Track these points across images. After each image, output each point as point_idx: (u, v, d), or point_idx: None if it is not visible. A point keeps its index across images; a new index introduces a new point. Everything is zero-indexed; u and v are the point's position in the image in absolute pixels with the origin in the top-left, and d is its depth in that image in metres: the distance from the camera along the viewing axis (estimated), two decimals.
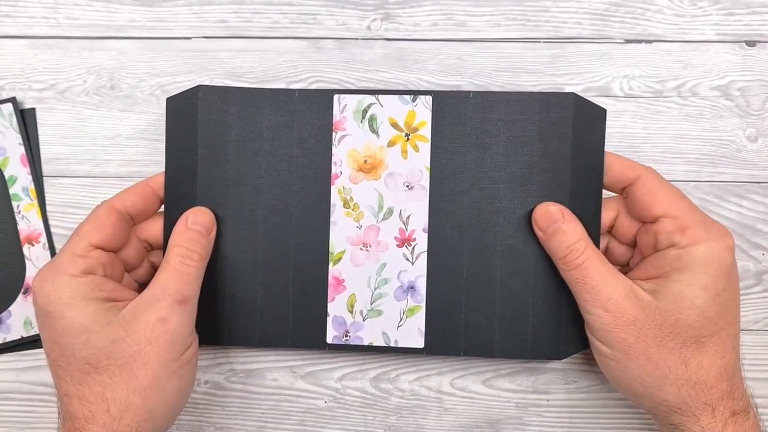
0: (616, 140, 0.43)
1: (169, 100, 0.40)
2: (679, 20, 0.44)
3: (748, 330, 0.42)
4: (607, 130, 0.43)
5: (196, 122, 0.40)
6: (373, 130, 0.40)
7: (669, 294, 0.35)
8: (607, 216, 0.39)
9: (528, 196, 0.39)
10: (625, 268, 0.40)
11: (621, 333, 0.36)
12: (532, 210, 0.39)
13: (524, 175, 0.39)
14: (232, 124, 0.40)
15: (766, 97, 0.43)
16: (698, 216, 0.36)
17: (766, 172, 0.43)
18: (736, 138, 0.43)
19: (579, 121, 0.39)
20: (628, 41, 0.44)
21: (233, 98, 0.40)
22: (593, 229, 0.39)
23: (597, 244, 0.39)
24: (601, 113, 0.39)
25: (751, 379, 0.42)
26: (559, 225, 0.37)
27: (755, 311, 0.42)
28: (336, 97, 0.40)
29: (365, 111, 0.40)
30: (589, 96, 0.43)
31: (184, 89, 0.43)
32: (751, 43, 0.44)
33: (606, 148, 0.43)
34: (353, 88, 0.43)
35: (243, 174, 0.40)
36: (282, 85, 0.44)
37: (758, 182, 0.43)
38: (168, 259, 0.37)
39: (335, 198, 0.40)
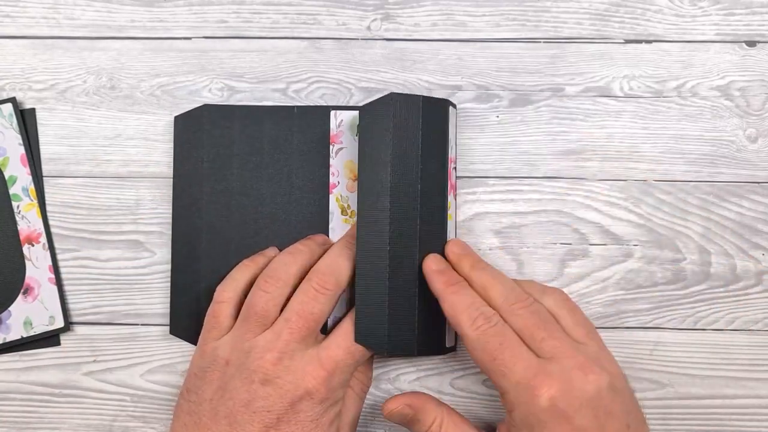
0: (617, 140, 0.43)
1: (176, 118, 0.43)
2: (679, 20, 0.44)
3: (748, 330, 0.42)
4: (607, 131, 0.43)
5: (202, 138, 0.42)
6: None
7: None
8: None
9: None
10: None
11: None
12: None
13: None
14: (235, 139, 0.42)
15: (766, 97, 0.43)
16: (499, 370, 0.35)
17: (766, 173, 0.43)
18: (736, 138, 0.43)
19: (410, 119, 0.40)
20: (628, 41, 0.44)
21: (236, 115, 0.42)
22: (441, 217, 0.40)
23: (445, 233, 0.40)
24: (444, 104, 0.40)
25: (751, 379, 0.42)
26: (409, 418, 0.38)
27: (755, 311, 0.42)
28: (333, 113, 0.42)
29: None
30: (589, 96, 0.43)
31: (185, 86, 0.43)
32: (751, 43, 0.44)
33: (607, 149, 0.43)
34: (353, 88, 0.44)
35: (246, 185, 0.42)
36: (282, 85, 0.44)
37: (758, 182, 0.43)
38: (352, 385, 0.40)
39: (333, 206, 0.42)
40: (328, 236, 0.42)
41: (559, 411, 0.33)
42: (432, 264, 0.39)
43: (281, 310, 0.38)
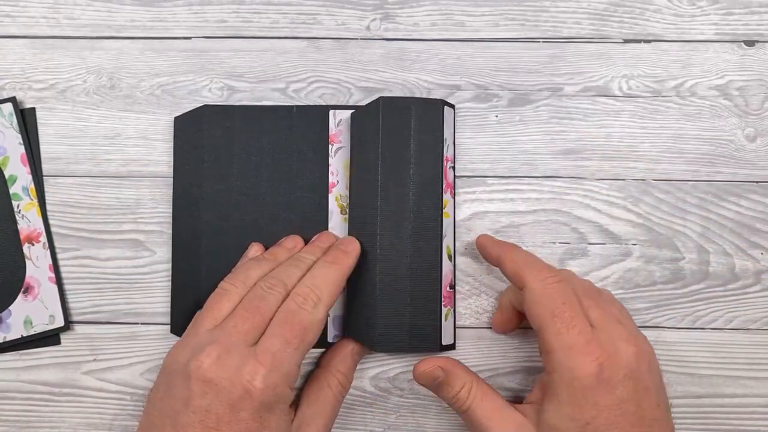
0: (615, 140, 0.43)
1: (176, 119, 0.43)
2: (678, 20, 0.44)
3: (747, 329, 0.42)
4: (606, 130, 0.43)
5: (202, 138, 0.42)
6: None
7: (546, 428, 0.35)
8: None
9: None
10: None
11: None
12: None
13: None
14: (236, 139, 0.42)
15: (764, 96, 0.43)
16: (555, 327, 0.35)
17: (764, 172, 0.43)
18: (734, 137, 0.43)
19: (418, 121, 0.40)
20: (627, 41, 0.44)
21: (236, 116, 0.42)
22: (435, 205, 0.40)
23: (440, 231, 0.39)
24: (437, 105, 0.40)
25: (749, 377, 0.42)
26: (439, 381, 0.38)
27: (754, 310, 0.42)
28: (332, 112, 0.42)
29: None
30: (588, 95, 0.43)
31: (185, 85, 0.44)
32: (749, 43, 0.44)
33: (606, 149, 0.43)
34: (352, 88, 0.44)
35: (246, 185, 0.42)
36: (281, 85, 0.44)
37: (757, 182, 0.43)
38: (331, 384, 0.39)
39: (333, 205, 0.42)
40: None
41: (604, 379, 0.33)
42: (484, 238, 0.41)
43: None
